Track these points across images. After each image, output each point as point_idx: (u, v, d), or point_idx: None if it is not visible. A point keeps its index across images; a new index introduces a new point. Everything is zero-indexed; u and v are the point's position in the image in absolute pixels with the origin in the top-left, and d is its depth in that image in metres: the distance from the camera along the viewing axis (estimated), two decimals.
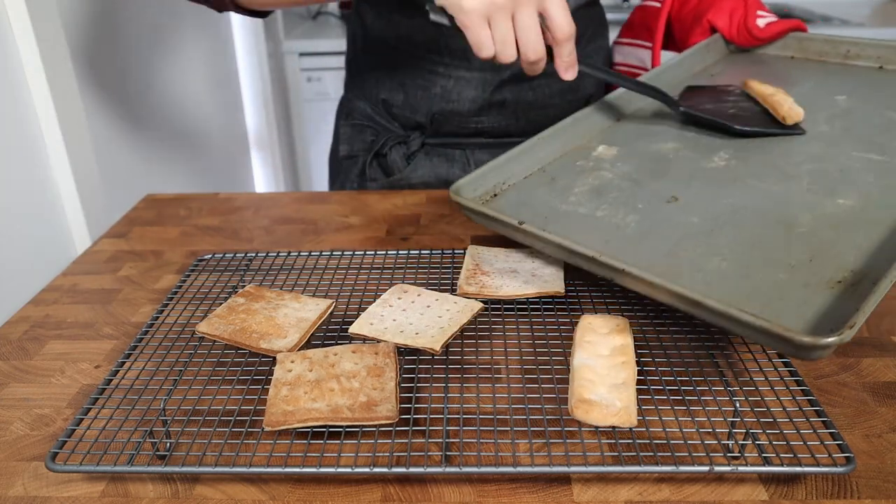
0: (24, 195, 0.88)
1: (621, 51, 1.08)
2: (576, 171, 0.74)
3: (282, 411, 0.54)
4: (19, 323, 0.73)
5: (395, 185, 1.05)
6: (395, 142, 1.03)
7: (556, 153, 0.78)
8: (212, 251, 0.85)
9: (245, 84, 2.02)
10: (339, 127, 1.11)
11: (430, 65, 0.97)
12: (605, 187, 0.71)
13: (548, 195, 0.71)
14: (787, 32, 0.94)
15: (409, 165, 1.03)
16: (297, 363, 0.59)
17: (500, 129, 1.00)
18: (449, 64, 0.96)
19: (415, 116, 1.01)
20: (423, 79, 0.98)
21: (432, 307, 0.67)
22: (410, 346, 0.62)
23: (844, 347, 0.66)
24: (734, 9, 0.93)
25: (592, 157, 0.76)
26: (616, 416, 0.51)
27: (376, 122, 1.05)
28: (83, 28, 1.05)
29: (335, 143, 1.13)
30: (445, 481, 0.52)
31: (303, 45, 2.22)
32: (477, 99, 0.97)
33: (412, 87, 0.99)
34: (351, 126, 1.08)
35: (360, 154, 1.07)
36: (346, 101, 1.11)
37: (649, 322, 0.67)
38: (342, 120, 1.11)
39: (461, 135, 1.02)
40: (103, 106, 1.12)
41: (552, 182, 0.73)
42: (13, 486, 0.52)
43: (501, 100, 0.98)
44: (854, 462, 0.49)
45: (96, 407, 0.56)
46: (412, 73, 0.99)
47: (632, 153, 0.76)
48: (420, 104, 1.00)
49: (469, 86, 0.97)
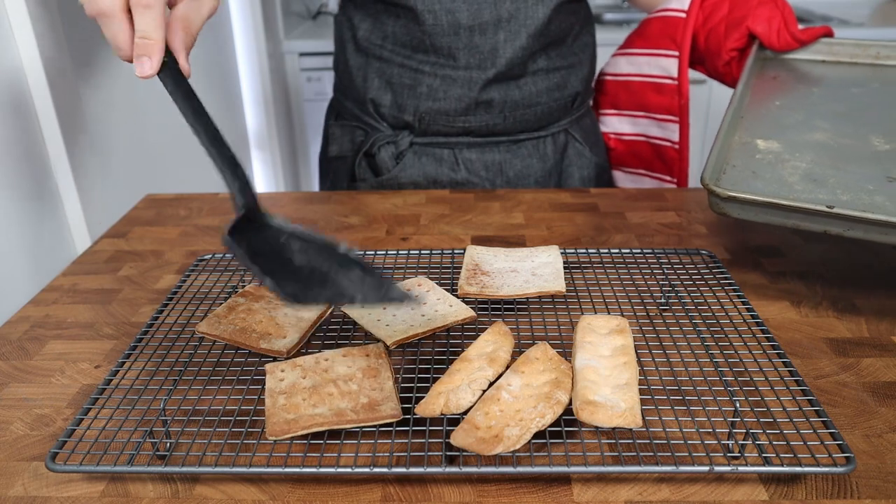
0: (24, 195, 0.88)
1: (634, 61, 1.08)
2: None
3: (283, 420, 0.53)
4: (19, 323, 0.73)
5: (385, 185, 1.05)
6: (384, 141, 1.03)
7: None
8: (212, 251, 0.85)
9: (245, 84, 2.02)
10: (329, 127, 1.12)
11: (416, 64, 0.98)
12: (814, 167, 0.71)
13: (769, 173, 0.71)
14: (822, 36, 0.99)
15: (397, 165, 1.04)
16: (287, 371, 0.59)
17: (488, 128, 1.01)
18: (435, 63, 0.97)
19: (403, 116, 1.01)
20: (410, 78, 0.99)
21: (428, 304, 0.68)
22: (372, 333, 0.64)
23: (844, 347, 0.66)
24: (771, 16, 0.96)
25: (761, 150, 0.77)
26: (621, 417, 0.51)
27: (364, 122, 1.05)
28: (83, 28, 1.05)
29: (325, 144, 1.14)
30: (445, 481, 0.52)
31: (303, 45, 2.22)
32: (463, 97, 0.98)
33: (399, 86, 1.00)
34: (340, 126, 1.09)
35: (348, 154, 1.08)
36: (335, 102, 1.12)
37: (649, 322, 0.67)
38: (331, 120, 1.12)
39: (449, 134, 1.02)
40: (103, 106, 1.12)
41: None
42: (13, 486, 0.52)
43: (489, 99, 0.98)
44: (854, 462, 0.49)
45: (96, 407, 0.56)
46: (399, 72, 1.00)
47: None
48: (407, 103, 1.00)
49: (455, 84, 0.97)
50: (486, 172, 1.04)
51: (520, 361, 0.58)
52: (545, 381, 0.55)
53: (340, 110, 1.09)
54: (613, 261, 0.78)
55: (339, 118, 1.10)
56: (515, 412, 0.52)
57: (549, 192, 1.02)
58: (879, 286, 0.76)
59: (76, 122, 0.97)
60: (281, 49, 2.20)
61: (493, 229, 0.91)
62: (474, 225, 0.92)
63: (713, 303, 0.70)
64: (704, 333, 0.65)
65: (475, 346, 0.60)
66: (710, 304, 0.69)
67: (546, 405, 0.52)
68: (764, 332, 0.65)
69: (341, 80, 1.09)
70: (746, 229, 0.90)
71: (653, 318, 0.69)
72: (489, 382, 0.56)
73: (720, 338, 0.64)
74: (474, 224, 0.92)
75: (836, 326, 0.69)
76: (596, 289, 0.73)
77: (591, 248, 0.79)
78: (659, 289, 0.73)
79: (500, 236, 0.89)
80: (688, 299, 0.71)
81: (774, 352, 0.62)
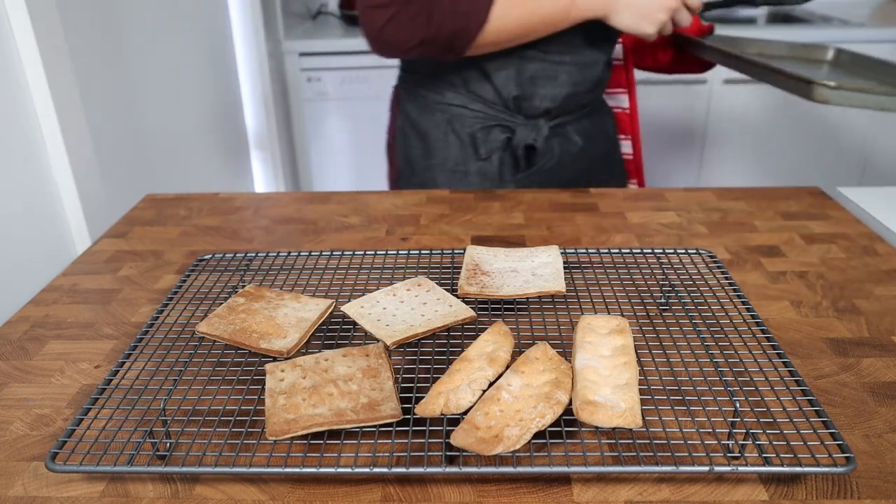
0: (24, 195, 0.88)
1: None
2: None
3: (284, 420, 0.53)
4: (19, 323, 0.73)
5: (535, 175, 1.08)
6: (526, 132, 1.05)
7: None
8: (212, 251, 0.85)
9: (245, 84, 2.02)
10: (450, 137, 1.08)
11: (555, 56, 1.02)
12: None
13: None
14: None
15: (540, 150, 1.06)
16: (287, 371, 0.59)
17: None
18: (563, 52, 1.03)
19: (543, 104, 1.05)
20: (551, 70, 1.03)
21: (428, 304, 0.68)
22: (372, 333, 0.63)
23: (844, 347, 0.66)
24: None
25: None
26: (621, 417, 0.51)
27: (500, 118, 1.06)
28: (83, 28, 1.05)
29: (446, 155, 1.09)
30: (445, 481, 0.52)
31: (303, 45, 2.22)
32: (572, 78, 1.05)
33: (542, 78, 1.03)
34: (482, 129, 1.07)
35: (494, 152, 1.08)
36: (446, 110, 1.08)
37: (649, 322, 0.67)
38: (450, 132, 1.08)
39: (564, 113, 1.08)
40: (103, 106, 1.12)
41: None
42: (13, 486, 0.52)
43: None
44: (854, 462, 0.49)
45: (96, 407, 0.56)
46: (540, 67, 1.02)
47: None
48: (547, 92, 1.04)
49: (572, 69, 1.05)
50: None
51: (520, 361, 0.58)
52: (545, 381, 0.55)
53: (456, 115, 1.08)
54: (613, 261, 0.78)
55: (461, 125, 1.08)
56: (515, 412, 0.52)
57: (550, 192, 1.02)
58: (879, 286, 0.76)
59: (76, 122, 0.97)
60: (281, 49, 2.20)
61: (493, 229, 0.91)
62: (474, 225, 0.92)
63: (713, 303, 0.70)
64: (704, 333, 0.65)
65: (475, 346, 0.60)
66: (710, 304, 0.69)
67: (546, 405, 0.52)
68: (764, 332, 0.65)
69: (457, 89, 1.07)
70: (746, 229, 0.90)
71: (653, 318, 0.69)
72: (489, 382, 0.56)
73: (720, 338, 0.64)
74: (474, 224, 0.92)
75: (836, 326, 0.69)
76: (596, 289, 0.73)
77: (591, 248, 0.79)
78: (659, 289, 0.73)
79: (500, 236, 0.89)
80: (688, 299, 0.71)
81: (774, 352, 0.62)
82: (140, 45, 1.29)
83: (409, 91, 1.12)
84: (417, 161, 1.11)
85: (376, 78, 2.19)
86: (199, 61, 1.65)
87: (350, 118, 2.28)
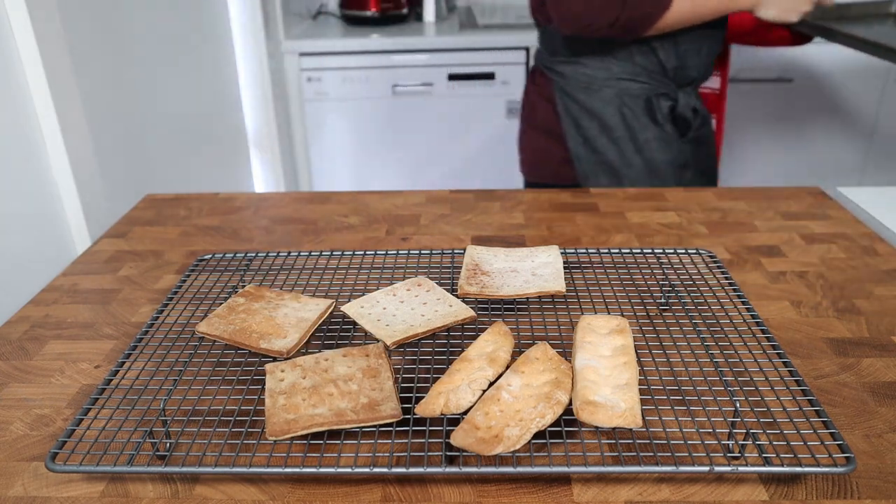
0: (24, 195, 0.88)
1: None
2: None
3: (284, 420, 0.53)
4: (19, 323, 0.73)
5: (692, 139, 1.23)
6: (686, 98, 1.21)
7: None
8: (212, 251, 0.85)
9: (245, 84, 2.02)
10: (624, 110, 1.20)
11: (698, 30, 1.17)
12: None
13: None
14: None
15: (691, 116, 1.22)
16: (287, 371, 0.59)
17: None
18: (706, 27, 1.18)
19: (692, 73, 1.21)
20: (698, 43, 1.19)
21: (428, 304, 0.68)
22: (372, 333, 0.64)
23: (844, 347, 0.66)
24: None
25: None
26: (621, 417, 0.51)
27: (664, 88, 1.20)
28: (83, 28, 1.05)
29: (624, 127, 1.22)
30: (445, 481, 0.52)
31: (303, 45, 2.22)
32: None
33: (691, 51, 1.19)
34: (653, 97, 1.20)
35: (666, 119, 1.22)
36: (613, 85, 1.20)
37: (649, 322, 0.67)
38: (623, 105, 1.20)
39: (699, 83, 1.26)
40: (103, 106, 1.12)
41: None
42: (13, 486, 0.52)
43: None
44: (854, 462, 0.49)
45: (96, 407, 0.56)
46: (689, 39, 1.18)
47: None
48: (694, 63, 1.20)
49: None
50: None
51: (520, 361, 0.58)
52: (545, 381, 0.55)
53: (625, 90, 1.20)
54: (613, 261, 0.78)
55: (630, 98, 1.20)
56: (515, 412, 0.52)
57: (550, 192, 1.02)
58: (879, 286, 0.76)
59: (76, 122, 0.97)
60: (281, 49, 2.20)
61: (493, 229, 0.91)
62: (474, 225, 0.92)
63: (713, 303, 0.70)
64: (704, 333, 0.65)
65: (475, 346, 0.60)
66: (710, 304, 0.69)
67: (546, 405, 0.52)
68: (764, 332, 0.65)
69: (631, 66, 1.19)
70: (746, 229, 0.90)
71: (653, 318, 0.69)
72: (489, 382, 0.56)
73: (720, 338, 0.64)
74: (474, 224, 0.92)
75: (836, 326, 0.69)
76: (596, 289, 0.73)
77: (591, 248, 0.79)
78: (659, 289, 0.73)
79: (500, 236, 0.89)
80: (688, 299, 0.71)
81: (774, 352, 0.62)
82: (140, 46, 1.29)
83: (569, 78, 1.23)
84: (596, 139, 1.23)
85: (376, 78, 2.19)
86: (199, 61, 1.65)
87: (350, 118, 2.28)
